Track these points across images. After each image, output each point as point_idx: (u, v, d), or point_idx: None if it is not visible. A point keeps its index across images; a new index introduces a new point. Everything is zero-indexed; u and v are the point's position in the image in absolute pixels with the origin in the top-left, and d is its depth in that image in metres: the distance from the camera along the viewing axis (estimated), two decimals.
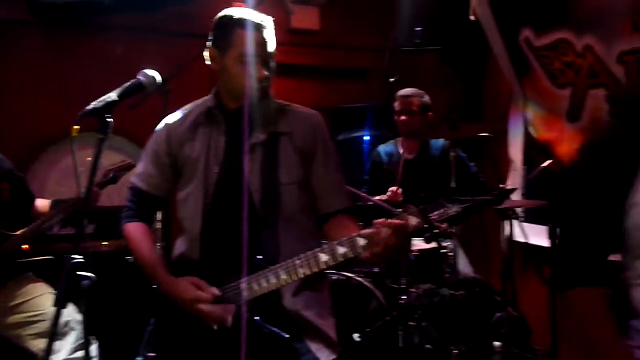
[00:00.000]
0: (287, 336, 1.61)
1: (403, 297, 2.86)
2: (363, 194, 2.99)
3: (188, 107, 1.91)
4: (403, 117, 3.43)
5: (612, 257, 1.49)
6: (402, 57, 4.22)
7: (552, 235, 3.05)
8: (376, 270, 3.09)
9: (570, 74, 3.35)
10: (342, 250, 1.56)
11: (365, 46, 4.76)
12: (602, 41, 3.09)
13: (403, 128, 3.46)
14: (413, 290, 2.96)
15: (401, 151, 3.54)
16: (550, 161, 3.18)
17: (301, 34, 4.62)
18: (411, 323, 2.94)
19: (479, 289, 3.22)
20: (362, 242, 1.53)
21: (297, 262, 1.60)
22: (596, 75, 3.18)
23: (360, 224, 2.72)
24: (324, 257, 1.58)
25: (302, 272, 1.59)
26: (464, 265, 3.23)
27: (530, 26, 3.51)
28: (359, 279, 3.02)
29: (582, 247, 1.47)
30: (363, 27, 4.76)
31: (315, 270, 1.59)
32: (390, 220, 1.52)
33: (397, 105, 3.47)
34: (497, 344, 3.05)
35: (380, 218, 1.72)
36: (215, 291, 1.68)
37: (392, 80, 4.09)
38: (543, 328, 3.18)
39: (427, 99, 3.47)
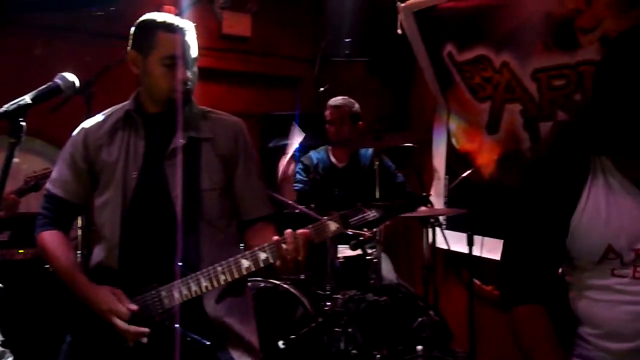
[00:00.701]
0: (208, 343, 1.61)
1: (328, 303, 2.90)
2: (289, 202, 3.01)
3: (108, 110, 1.87)
4: (333, 126, 3.49)
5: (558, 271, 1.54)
6: (331, 66, 4.30)
7: (470, 242, 3.20)
8: (302, 277, 3.12)
9: (489, 88, 3.53)
10: (263, 255, 1.57)
11: (296, 55, 4.81)
12: (518, 59, 3.28)
13: (333, 137, 3.52)
14: (339, 296, 3.01)
15: (332, 159, 3.60)
16: (471, 170, 3.34)
17: (232, 40, 4.60)
18: (337, 329, 2.99)
19: (401, 294, 3.31)
20: (283, 246, 1.56)
21: (219, 268, 1.59)
22: (512, 90, 3.36)
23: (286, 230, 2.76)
24: (245, 263, 1.58)
25: (224, 278, 1.59)
26: (387, 271, 3.32)
27: (453, 42, 3.68)
28: (286, 285, 3.03)
29: (525, 262, 1.51)
30: (294, 35, 4.82)
31: (237, 276, 1.59)
32: (294, 234, 1.56)
33: (327, 114, 3.52)
34: (419, 347, 3.14)
35: (305, 224, 1.74)
36: (133, 307, 1.64)
37: (321, 89, 4.15)
38: (463, 331, 3.32)
39: (357, 107, 3.54)
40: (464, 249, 3.26)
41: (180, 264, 1.63)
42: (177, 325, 1.61)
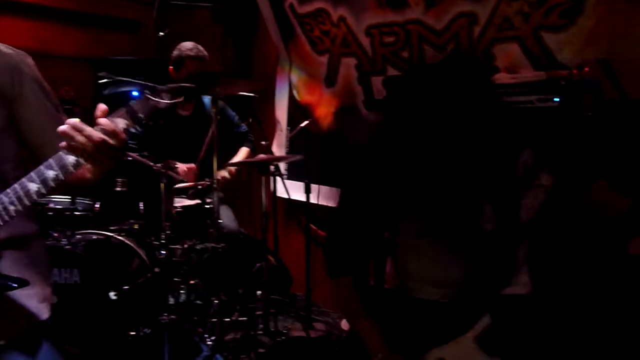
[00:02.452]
0: (15, 285, 1.47)
1: (162, 253, 2.88)
2: None
3: None
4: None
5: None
6: (174, 11, 4.12)
7: (307, 190, 3.34)
8: (136, 227, 3.06)
9: (327, 41, 3.62)
10: (51, 173, 1.38)
11: None
12: (353, 14, 3.40)
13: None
14: (177, 246, 2.99)
15: (177, 108, 3.46)
16: (308, 121, 3.43)
17: None
18: (176, 279, 2.99)
19: (241, 241, 3.38)
20: (71, 159, 1.37)
21: (5, 199, 1.41)
22: (348, 44, 3.49)
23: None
24: (33, 187, 1.39)
25: (13, 209, 1.41)
26: (228, 219, 3.35)
27: None
28: (120, 237, 2.95)
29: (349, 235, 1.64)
30: None
31: (28, 203, 1.41)
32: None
33: (190, 63, 3.31)
34: (258, 292, 3.25)
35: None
36: None
37: (161, 34, 3.98)
38: (302, 275, 3.48)
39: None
40: (303, 197, 3.39)
41: None
42: None
